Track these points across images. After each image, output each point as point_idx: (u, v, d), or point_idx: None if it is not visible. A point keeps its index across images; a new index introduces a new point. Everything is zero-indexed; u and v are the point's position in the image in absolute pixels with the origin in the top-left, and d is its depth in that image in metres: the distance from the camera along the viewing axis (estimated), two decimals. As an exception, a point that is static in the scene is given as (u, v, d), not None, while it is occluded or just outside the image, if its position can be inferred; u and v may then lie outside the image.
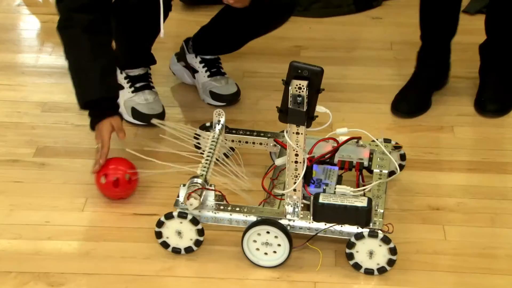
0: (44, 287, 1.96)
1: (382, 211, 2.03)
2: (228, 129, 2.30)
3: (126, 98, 2.59)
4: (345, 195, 2.00)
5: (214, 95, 2.64)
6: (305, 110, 1.86)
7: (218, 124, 2.27)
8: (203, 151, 2.22)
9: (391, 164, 2.21)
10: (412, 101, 2.65)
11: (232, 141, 2.31)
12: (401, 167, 2.30)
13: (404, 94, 2.66)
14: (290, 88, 1.84)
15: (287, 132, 1.92)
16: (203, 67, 2.67)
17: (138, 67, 2.61)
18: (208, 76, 2.66)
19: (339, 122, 2.46)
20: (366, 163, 2.20)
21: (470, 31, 2.73)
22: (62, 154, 2.43)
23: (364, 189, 2.06)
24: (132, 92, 2.59)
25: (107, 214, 2.20)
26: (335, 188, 2.04)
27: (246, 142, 2.30)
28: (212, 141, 2.22)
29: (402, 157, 2.30)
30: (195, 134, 2.31)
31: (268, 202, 2.08)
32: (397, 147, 2.27)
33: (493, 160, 2.42)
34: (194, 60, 2.70)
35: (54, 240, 2.11)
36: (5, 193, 2.26)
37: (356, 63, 2.91)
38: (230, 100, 2.65)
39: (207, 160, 2.14)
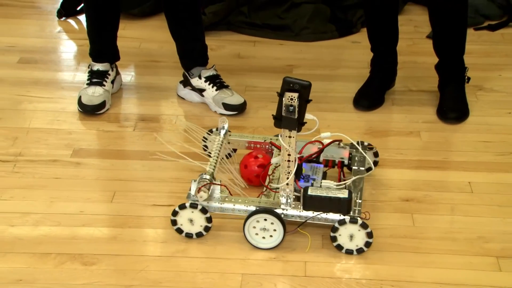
0: (79, 266, 1.96)
1: (360, 201, 2.02)
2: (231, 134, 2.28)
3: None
4: (329, 188, 1.99)
5: (227, 106, 2.60)
6: (296, 117, 1.86)
7: (223, 129, 2.26)
8: (210, 152, 2.20)
9: (367, 162, 2.20)
10: (370, 98, 2.67)
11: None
12: (375, 163, 2.29)
13: (363, 93, 2.69)
14: (283, 99, 1.84)
15: (281, 136, 1.92)
16: (209, 84, 2.63)
17: (101, 62, 2.66)
18: (216, 90, 2.63)
19: (324, 127, 2.48)
20: (346, 162, 2.19)
21: (433, 54, 2.69)
22: (94, 155, 2.41)
23: (345, 183, 2.05)
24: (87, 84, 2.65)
25: (131, 205, 2.18)
26: (321, 182, 2.04)
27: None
28: (218, 144, 2.20)
29: (376, 154, 2.28)
30: (203, 137, 2.29)
31: (265, 194, 2.07)
32: (370, 148, 2.26)
33: (452, 160, 2.41)
34: (199, 82, 2.65)
35: (88, 226, 2.10)
36: (46, 187, 2.25)
37: (338, 79, 2.88)
38: (241, 109, 2.62)
39: (214, 159, 2.12)
